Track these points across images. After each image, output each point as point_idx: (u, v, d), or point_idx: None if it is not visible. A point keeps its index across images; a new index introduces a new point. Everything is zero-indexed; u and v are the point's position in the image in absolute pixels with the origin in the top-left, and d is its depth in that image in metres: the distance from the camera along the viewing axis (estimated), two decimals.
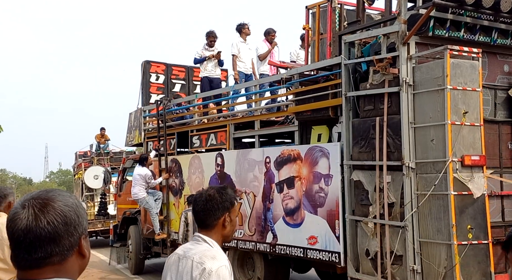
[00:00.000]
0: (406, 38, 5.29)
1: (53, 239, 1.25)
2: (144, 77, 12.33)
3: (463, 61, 5.12)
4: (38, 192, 1.32)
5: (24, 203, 1.28)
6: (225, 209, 2.36)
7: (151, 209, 9.70)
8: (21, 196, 3.70)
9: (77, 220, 1.30)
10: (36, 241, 1.24)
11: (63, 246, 1.27)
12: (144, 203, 9.70)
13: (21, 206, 1.27)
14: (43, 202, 1.27)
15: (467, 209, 5.01)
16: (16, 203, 1.31)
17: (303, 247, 6.74)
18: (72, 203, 1.31)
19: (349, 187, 6.06)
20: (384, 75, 5.53)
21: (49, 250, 1.25)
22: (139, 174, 9.66)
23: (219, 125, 8.90)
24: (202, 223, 2.38)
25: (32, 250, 1.25)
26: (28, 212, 1.25)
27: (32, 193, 1.32)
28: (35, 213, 1.25)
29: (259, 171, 7.62)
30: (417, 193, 5.26)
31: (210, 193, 2.38)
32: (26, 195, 1.33)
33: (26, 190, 42.13)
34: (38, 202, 1.27)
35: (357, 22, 6.11)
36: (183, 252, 2.41)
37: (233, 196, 2.42)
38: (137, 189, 9.64)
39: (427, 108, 5.20)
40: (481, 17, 5.56)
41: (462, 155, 5.02)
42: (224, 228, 2.36)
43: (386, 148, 5.53)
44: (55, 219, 1.25)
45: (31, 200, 1.28)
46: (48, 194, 1.30)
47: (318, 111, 6.60)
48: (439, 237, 5.03)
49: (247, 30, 8.98)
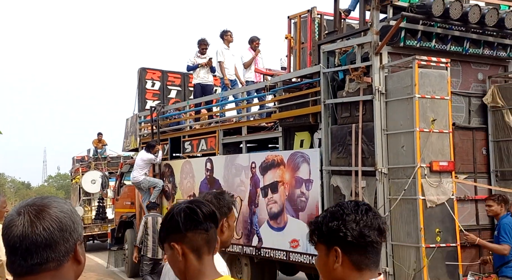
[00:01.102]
0: (378, 48, 5.50)
1: (49, 245, 1.26)
2: (140, 84, 12.57)
3: (431, 71, 5.32)
4: (33, 198, 1.34)
5: (19, 209, 1.29)
6: (223, 214, 2.30)
7: (156, 184, 9.72)
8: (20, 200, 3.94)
9: (73, 226, 1.30)
10: (32, 247, 1.25)
11: (59, 252, 1.27)
12: (147, 183, 9.72)
13: (17, 212, 1.28)
14: (38, 209, 1.28)
15: (435, 213, 5.19)
16: (12, 210, 1.32)
17: (286, 250, 6.94)
18: (68, 209, 1.31)
19: (328, 192, 6.26)
20: (359, 83, 5.74)
21: (45, 256, 1.26)
22: (142, 159, 9.69)
23: (209, 131, 9.13)
24: None
25: (28, 256, 1.25)
26: (24, 218, 1.26)
27: (27, 200, 1.33)
28: (31, 219, 1.26)
29: (246, 175, 7.84)
30: (389, 198, 5.46)
31: (207, 199, 2.32)
32: (21, 202, 1.34)
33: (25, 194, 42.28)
34: (33, 208, 1.28)
35: (334, 32, 6.32)
36: None
37: (230, 201, 2.39)
38: (136, 172, 9.72)
39: (398, 116, 5.40)
40: (452, 28, 5.76)
41: (431, 161, 5.21)
42: (222, 234, 2.30)
43: (361, 154, 5.73)
44: (50, 225, 1.26)
45: (27, 206, 1.29)
46: (44, 201, 1.31)
47: (299, 118, 6.81)
48: (409, 240, 5.21)
49: (230, 37, 9.22)
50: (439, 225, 5.19)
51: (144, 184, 9.75)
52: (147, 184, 9.73)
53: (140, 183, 9.79)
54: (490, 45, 6.14)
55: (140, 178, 9.70)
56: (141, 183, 9.79)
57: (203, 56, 9.71)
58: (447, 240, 5.19)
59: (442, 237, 5.16)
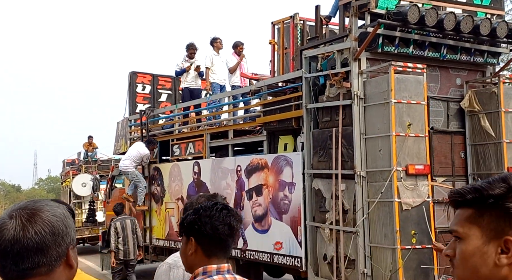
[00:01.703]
0: (356, 54, 5.63)
1: (41, 250, 1.24)
2: (131, 88, 12.68)
3: (408, 76, 5.46)
4: (26, 202, 1.32)
5: (11, 213, 1.26)
6: None
7: (140, 182, 9.74)
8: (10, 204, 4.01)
9: (65, 230, 1.29)
10: (23, 251, 1.23)
11: (51, 257, 1.25)
12: (134, 176, 9.70)
13: (9, 216, 1.26)
14: (30, 212, 1.26)
15: (411, 215, 5.31)
16: (4, 213, 1.31)
17: (270, 252, 7.05)
18: (60, 213, 1.30)
19: (310, 195, 6.38)
20: (339, 88, 5.87)
21: (36, 260, 1.24)
22: (139, 151, 9.62)
23: (196, 134, 9.24)
24: None
25: (19, 261, 1.23)
26: (15, 222, 1.24)
27: (19, 203, 1.31)
28: (23, 223, 1.24)
29: (231, 178, 7.95)
30: (368, 200, 5.58)
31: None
32: (13, 205, 1.32)
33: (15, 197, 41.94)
34: (25, 212, 1.26)
35: (316, 37, 6.45)
36: (173, 261, 2.43)
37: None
38: (127, 161, 9.65)
39: (376, 120, 5.53)
40: (430, 34, 5.90)
41: (407, 164, 5.34)
42: None
43: (341, 158, 5.85)
44: (42, 229, 1.24)
45: (19, 210, 1.27)
46: (36, 204, 1.29)
47: (283, 122, 6.93)
48: (386, 242, 5.33)
49: (219, 44, 9.35)
50: (415, 227, 5.31)
51: (131, 175, 9.75)
52: (133, 177, 9.74)
53: (128, 173, 9.80)
54: (467, 51, 6.28)
55: (130, 169, 9.65)
56: (128, 174, 9.80)
57: (192, 60, 9.84)
58: (423, 241, 5.32)
59: (417, 239, 5.28)
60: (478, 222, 1.08)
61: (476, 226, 1.09)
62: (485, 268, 1.07)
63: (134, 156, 9.63)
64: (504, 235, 1.05)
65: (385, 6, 5.64)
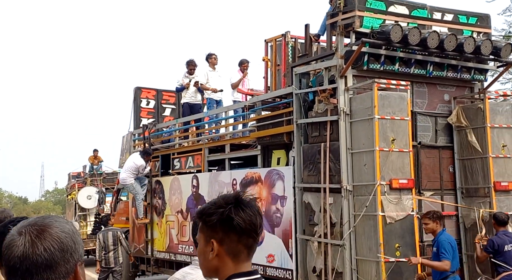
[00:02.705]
0: (342, 71, 5.81)
1: (50, 266, 1.24)
2: (135, 102, 12.98)
3: (391, 93, 5.61)
4: (35, 218, 1.33)
5: (21, 229, 1.27)
6: None
7: (137, 194, 10.08)
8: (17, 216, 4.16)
9: (74, 246, 1.29)
10: (32, 268, 1.23)
11: (59, 273, 1.25)
12: (131, 189, 10.06)
13: (18, 232, 1.27)
14: (40, 229, 1.26)
15: (395, 229, 5.42)
16: (13, 229, 1.31)
17: (263, 265, 7.17)
18: (69, 229, 1.30)
19: (300, 208, 6.51)
20: (326, 104, 6.04)
21: (45, 277, 1.23)
22: (134, 162, 9.90)
23: (195, 148, 9.44)
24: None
25: (28, 277, 1.23)
26: (25, 238, 1.24)
27: (29, 220, 1.32)
28: (32, 239, 1.24)
29: (227, 192, 8.08)
30: (354, 214, 5.70)
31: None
32: (22, 222, 1.32)
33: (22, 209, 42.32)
34: (35, 228, 1.26)
35: (305, 55, 6.65)
36: (182, 276, 2.41)
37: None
38: (126, 175, 9.95)
39: (361, 136, 5.68)
40: (415, 52, 6.06)
41: (390, 179, 5.47)
42: None
43: (328, 172, 6.00)
44: (51, 246, 1.24)
45: (28, 226, 1.27)
46: (45, 221, 1.29)
47: (275, 137, 7.10)
48: (371, 255, 5.44)
49: (214, 60, 9.63)
50: (399, 240, 5.41)
51: (129, 188, 10.09)
52: (131, 190, 10.07)
53: (127, 186, 10.12)
54: (453, 68, 6.42)
55: (128, 181, 9.94)
56: (127, 187, 10.13)
57: (191, 76, 10.10)
58: (407, 254, 5.41)
59: (401, 251, 5.38)
60: (202, 230, 1.62)
61: (201, 234, 1.62)
62: (206, 262, 1.61)
63: (131, 167, 9.89)
64: (211, 239, 1.58)
65: (370, 25, 5.83)
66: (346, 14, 5.81)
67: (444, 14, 6.32)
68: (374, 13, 5.85)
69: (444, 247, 4.95)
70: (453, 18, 6.38)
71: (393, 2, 6.01)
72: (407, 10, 6.07)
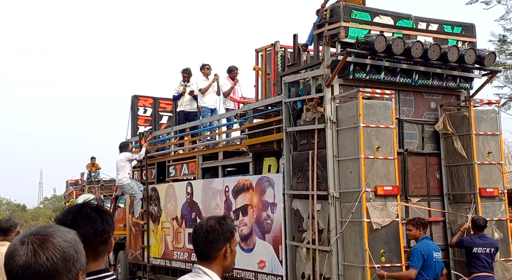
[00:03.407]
0: (329, 81, 5.94)
1: (52, 276, 1.24)
2: (133, 110, 13.14)
3: (376, 102, 5.73)
4: (37, 227, 1.33)
5: (23, 239, 1.27)
6: (226, 240, 2.29)
7: (135, 194, 10.16)
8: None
9: (76, 256, 1.29)
10: (34, 277, 1.23)
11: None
12: (129, 188, 10.12)
13: (20, 242, 1.27)
14: (42, 238, 1.26)
15: (380, 235, 5.53)
16: (15, 239, 1.31)
17: (255, 271, 7.27)
18: (71, 239, 1.30)
19: (290, 215, 6.62)
20: (314, 113, 6.16)
21: None
22: (120, 159, 10.06)
23: (190, 156, 9.57)
24: (203, 255, 2.29)
25: None
26: (27, 248, 1.25)
27: (31, 229, 1.32)
28: (34, 249, 1.24)
29: (220, 199, 8.23)
30: (341, 220, 5.81)
31: (210, 224, 2.30)
32: (25, 231, 1.33)
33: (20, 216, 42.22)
34: (37, 237, 1.26)
35: (294, 64, 6.79)
36: None
37: (232, 226, 2.36)
38: (121, 175, 10.06)
39: (347, 144, 5.79)
40: (401, 61, 6.19)
41: (376, 186, 5.57)
42: (225, 259, 2.28)
43: (316, 179, 6.11)
44: (54, 255, 1.25)
45: (30, 236, 1.27)
46: (47, 230, 1.30)
47: (266, 144, 7.23)
48: (356, 261, 5.54)
49: (207, 70, 9.79)
50: (384, 246, 5.51)
51: (127, 188, 10.16)
52: (129, 189, 10.14)
53: (124, 187, 10.20)
54: (439, 77, 6.55)
55: (124, 181, 10.05)
56: (124, 187, 10.20)
57: (187, 84, 10.26)
58: (392, 260, 5.51)
59: (387, 257, 5.48)
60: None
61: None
62: None
63: (120, 166, 10.05)
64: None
65: (356, 35, 5.96)
66: (332, 25, 5.94)
67: (429, 24, 6.46)
68: (360, 23, 5.99)
69: (414, 255, 5.05)
70: (438, 28, 6.51)
71: (378, 13, 6.15)
72: (392, 20, 6.21)
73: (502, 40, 14.57)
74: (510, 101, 15.00)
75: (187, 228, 9.26)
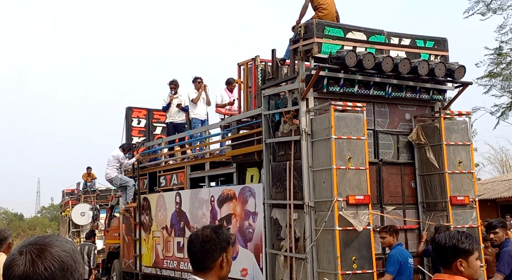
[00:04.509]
0: (303, 94, 6.19)
1: None
2: (127, 122, 13.42)
3: (347, 114, 5.97)
4: (35, 237, 1.34)
5: (21, 249, 1.28)
6: (223, 249, 2.24)
7: (126, 182, 10.41)
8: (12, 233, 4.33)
9: (74, 265, 1.29)
10: None
11: None
12: (118, 180, 10.42)
13: (19, 252, 1.27)
14: (40, 248, 1.27)
15: (352, 242, 5.73)
16: (14, 249, 1.32)
17: (237, 279, 7.47)
18: (70, 248, 1.31)
19: (269, 223, 6.84)
20: (290, 125, 6.40)
21: None
22: (113, 155, 10.42)
23: (179, 166, 9.81)
24: (199, 265, 2.24)
25: None
26: (25, 258, 1.25)
27: (29, 239, 1.33)
28: (33, 258, 1.25)
29: (206, 208, 8.46)
30: (315, 229, 6.02)
31: (206, 233, 2.25)
32: (23, 241, 1.33)
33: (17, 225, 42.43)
34: (35, 247, 1.27)
35: (272, 78, 7.04)
36: None
37: (228, 235, 2.32)
38: (109, 169, 10.41)
39: (321, 155, 6.02)
40: (374, 75, 6.42)
41: (347, 195, 5.79)
42: (221, 269, 2.23)
43: (293, 189, 6.34)
44: (52, 265, 1.25)
45: (29, 246, 1.28)
46: (46, 240, 1.30)
47: (248, 155, 7.46)
48: (330, 268, 5.75)
49: (198, 84, 10.10)
50: (356, 253, 5.72)
51: (115, 180, 10.46)
52: (118, 181, 10.44)
53: (112, 180, 10.50)
54: (412, 89, 6.78)
55: (112, 174, 10.36)
56: (113, 180, 10.50)
57: (175, 95, 10.56)
58: (364, 266, 5.71)
59: (358, 264, 5.68)
60: None
61: None
62: None
63: (110, 161, 10.37)
64: None
65: (329, 50, 6.22)
66: (306, 41, 6.20)
67: (401, 39, 6.71)
68: (333, 39, 6.24)
69: (390, 261, 5.23)
70: (411, 42, 6.76)
71: (351, 29, 6.40)
72: (365, 36, 6.46)
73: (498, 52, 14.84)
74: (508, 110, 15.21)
75: (176, 237, 9.48)
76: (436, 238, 2.58)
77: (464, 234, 2.54)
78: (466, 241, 2.49)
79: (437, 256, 2.56)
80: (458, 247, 2.46)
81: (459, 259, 2.46)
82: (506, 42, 14.80)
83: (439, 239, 2.54)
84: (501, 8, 14.50)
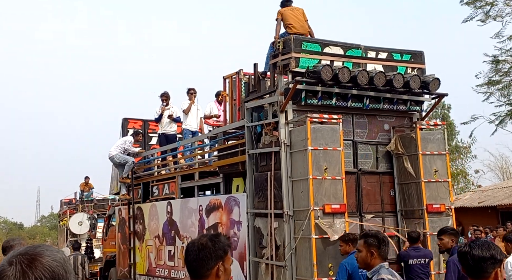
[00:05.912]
0: (282, 107, 6.42)
1: None
2: (123, 133, 13.69)
3: (323, 126, 6.19)
4: (25, 247, 1.32)
5: (11, 259, 1.26)
6: (219, 258, 2.21)
7: (126, 159, 10.75)
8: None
9: (65, 275, 1.27)
10: None
11: None
12: (119, 157, 10.78)
13: (8, 262, 1.25)
14: (30, 258, 1.25)
15: (328, 250, 5.93)
16: (3, 259, 1.30)
17: None
18: (60, 258, 1.29)
19: (252, 232, 7.04)
20: (271, 137, 6.63)
21: None
22: (121, 139, 10.90)
23: (170, 176, 10.05)
24: (195, 273, 2.23)
25: None
26: (15, 268, 1.23)
27: (20, 249, 1.31)
28: (23, 269, 1.22)
29: (195, 217, 8.67)
30: (294, 237, 6.22)
31: (202, 242, 2.25)
32: (13, 251, 1.31)
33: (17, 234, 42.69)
34: (26, 258, 1.25)
35: (254, 91, 7.28)
36: None
37: (226, 243, 2.29)
38: (112, 149, 10.80)
39: (299, 165, 6.24)
40: (351, 88, 6.65)
41: (324, 204, 6.00)
42: (218, 278, 2.21)
43: (273, 198, 6.55)
44: (43, 275, 1.23)
45: (19, 256, 1.26)
46: (36, 250, 1.28)
47: (233, 166, 7.69)
48: (307, 274, 5.94)
49: (191, 95, 10.39)
50: (332, 260, 5.91)
51: (116, 158, 10.80)
52: (118, 158, 10.78)
53: (113, 157, 10.83)
54: (390, 101, 7.00)
55: (114, 152, 10.75)
56: (114, 157, 10.83)
57: (167, 107, 10.83)
58: None
59: (334, 271, 5.86)
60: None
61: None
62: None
63: (118, 142, 10.86)
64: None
65: (307, 65, 6.45)
66: (284, 56, 6.44)
67: (378, 52, 6.93)
68: (310, 54, 6.48)
69: (339, 270, 5.35)
70: (387, 56, 6.99)
71: (328, 44, 6.64)
72: (342, 50, 6.70)
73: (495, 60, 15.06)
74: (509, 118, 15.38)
75: (167, 246, 9.69)
76: (472, 251, 2.45)
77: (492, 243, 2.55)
78: (499, 250, 2.50)
79: (474, 267, 2.44)
80: (496, 257, 2.44)
81: (497, 268, 2.45)
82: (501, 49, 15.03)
83: (477, 252, 2.44)
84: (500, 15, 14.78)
